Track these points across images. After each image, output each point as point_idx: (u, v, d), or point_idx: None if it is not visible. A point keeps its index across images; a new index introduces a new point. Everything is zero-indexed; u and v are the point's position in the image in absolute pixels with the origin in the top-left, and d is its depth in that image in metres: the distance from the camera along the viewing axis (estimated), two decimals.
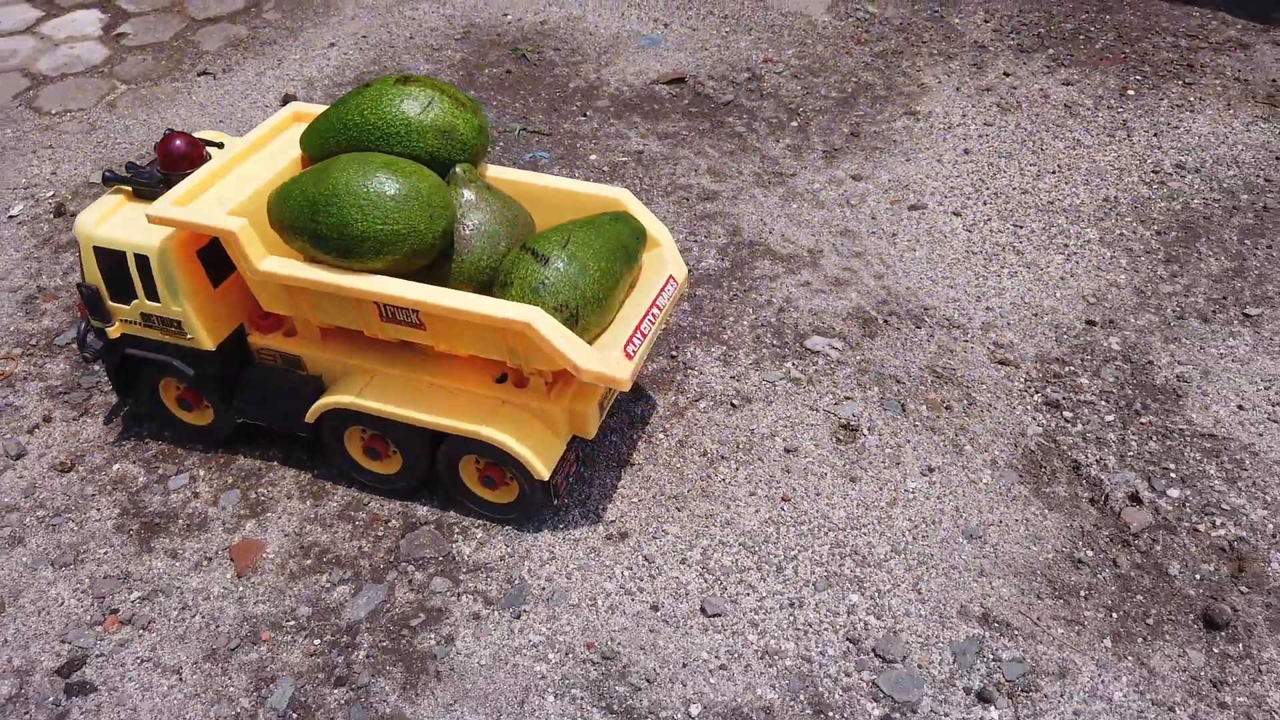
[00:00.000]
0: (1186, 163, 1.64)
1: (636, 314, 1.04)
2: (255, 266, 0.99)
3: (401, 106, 1.02)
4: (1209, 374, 1.27)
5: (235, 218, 0.98)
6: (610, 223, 1.06)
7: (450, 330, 0.99)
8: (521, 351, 0.98)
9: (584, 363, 0.95)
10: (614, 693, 0.96)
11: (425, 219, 0.96)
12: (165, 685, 0.98)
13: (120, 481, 1.18)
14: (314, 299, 1.02)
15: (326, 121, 1.06)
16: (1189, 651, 0.97)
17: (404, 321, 1.00)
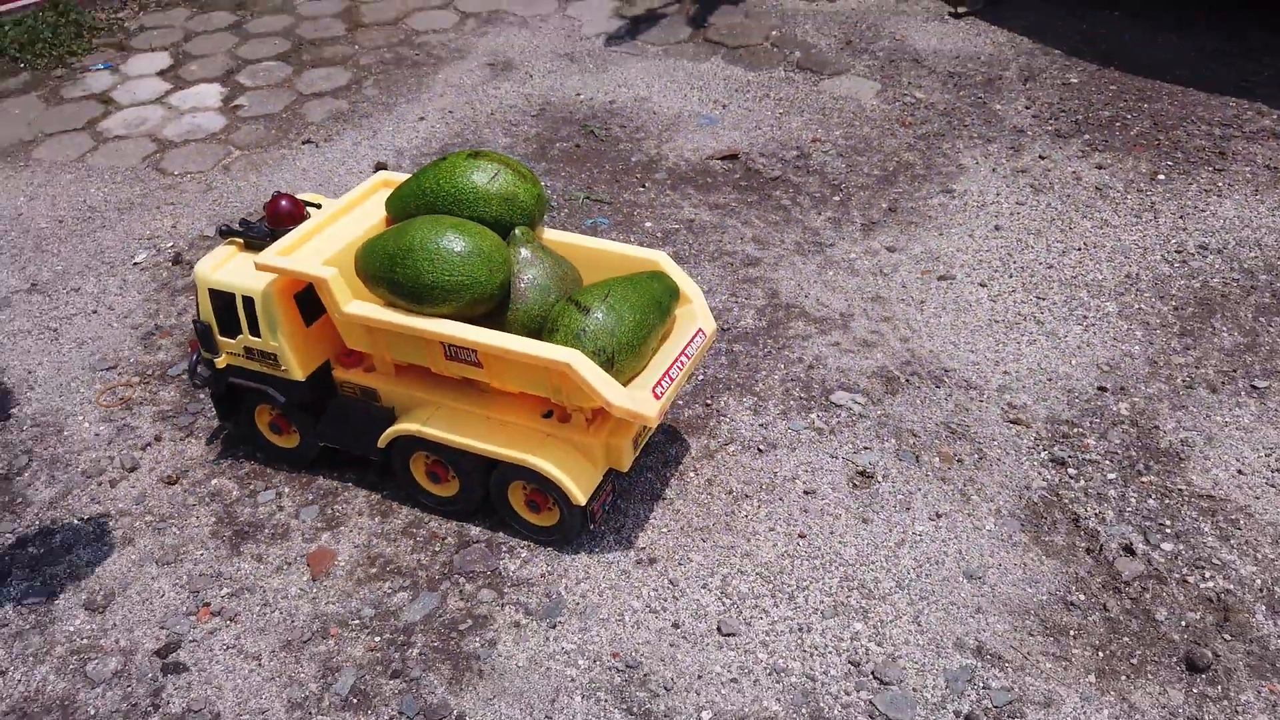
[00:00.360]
0: (1210, 244, 1.73)
1: (666, 361, 1.18)
2: (342, 309, 1.15)
3: (471, 177, 1.19)
4: (1213, 440, 1.34)
5: (328, 267, 1.15)
6: (647, 280, 1.21)
7: (503, 368, 1.14)
8: (563, 389, 1.12)
9: (616, 400, 1.09)
10: (635, 697, 1.07)
11: (486, 272, 1.12)
12: (246, 669, 1.12)
13: (217, 494, 1.35)
14: (389, 338, 1.18)
15: (407, 188, 1.23)
16: (1169, 690, 1.05)
17: (464, 360, 1.15)
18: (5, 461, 1.42)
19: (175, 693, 1.10)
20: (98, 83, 2.49)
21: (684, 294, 1.24)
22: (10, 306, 1.73)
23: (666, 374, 1.16)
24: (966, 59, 2.43)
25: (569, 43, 2.63)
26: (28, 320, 1.69)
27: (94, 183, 2.09)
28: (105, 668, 1.13)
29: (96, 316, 1.70)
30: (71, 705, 1.10)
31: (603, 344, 1.12)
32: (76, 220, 1.96)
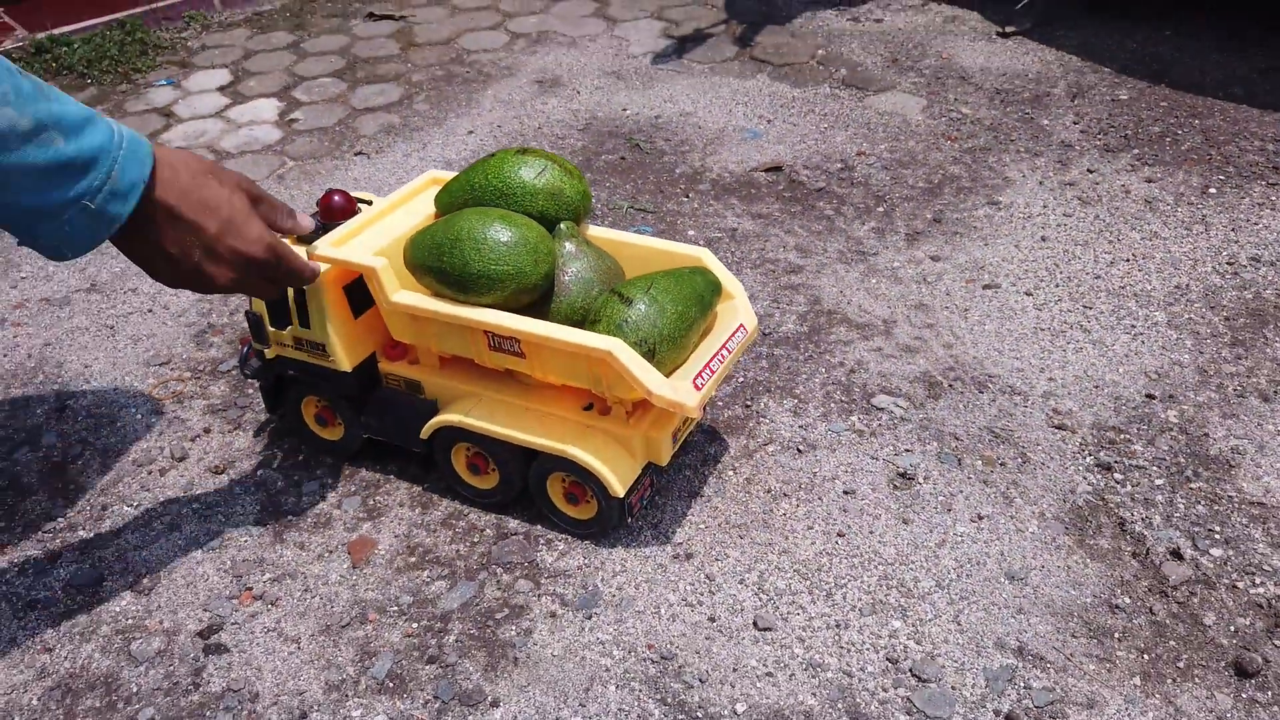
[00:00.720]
0: (1262, 256, 1.70)
1: (707, 354, 1.18)
2: (390, 298, 1.18)
3: (519, 171, 1.21)
4: (1264, 448, 1.31)
5: (378, 257, 1.18)
6: (690, 275, 1.21)
7: (546, 358, 1.15)
8: (605, 379, 1.13)
9: (656, 389, 1.09)
10: (669, 688, 1.06)
11: (531, 262, 1.14)
12: (286, 651, 1.14)
13: (262, 484, 1.37)
14: (435, 328, 1.20)
15: (456, 183, 1.26)
16: (1217, 694, 1.02)
17: (508, 350, 1.17)
18: (61, 450, 1.46)
19: (216, 672, 1.12)
20: (160, 97, 2.58)
21: (726, 290, 1.25)
22: (70, 304, 1.78)
23: (707, 366, 1.16)
24: (1014, 76, 2.42)
25: (616, 61, 2.67)
26: (86, 318, 1.75)
27: None
28: (149, 647, 1.15)
29: (152, 315, 1.75)
30: (115, 682, 1.12)
31: (644, 335, 1.12)
32: None
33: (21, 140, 0.82)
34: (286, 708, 1.07)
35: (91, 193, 0.85)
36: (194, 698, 1.09)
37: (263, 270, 1.00)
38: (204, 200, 0.92)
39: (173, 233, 0.92)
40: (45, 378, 1.60)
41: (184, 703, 1.09)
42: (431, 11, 3.06)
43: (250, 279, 1.00)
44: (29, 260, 1.92)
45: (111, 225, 0.88)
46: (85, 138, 0.85)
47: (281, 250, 1.02)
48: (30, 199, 0.84)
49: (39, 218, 0.86)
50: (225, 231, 0.94)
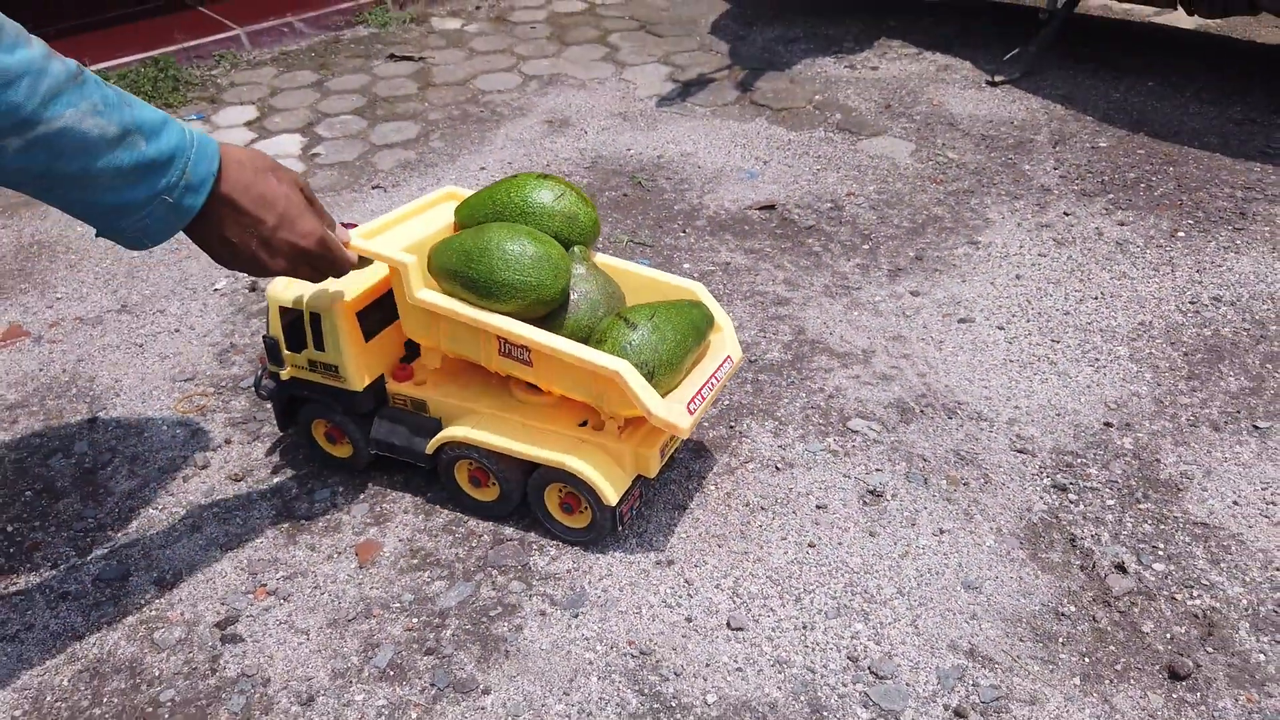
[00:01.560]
0: (1224, 296, 1.79)
1: (699, 381, 1.29)
2: (414, 294, 1.27)
3: (540, 194, 1.32)
4: (1211, 473, 1.40)
5: (408, 254, 1.26)
6: (687, 307, 1.32)
7: (553, 369, 1.25)
8: (606, 395, 1.23)
9: (655, 409, 1.20)
10: (646, 680, 1.16)
11: (551, 276, 1.24)
12: (296, 642, 1.24)
13: (278, 491, 1.48)
14: (450, 328, 1.29)
15: (478, 199, 1.36)
16: (1150, 695, 1.10)
17: (517, 358, 1.27)
18: (91, 457, 1.57)
19: (231, 660, 1.22)
20: None
21: (717, 322, 1.36)
22: (102, 324, 1.90)
23: (699, 393, 1.28)
24: (1000, 123, 2.54)
25: (623, 103, 2.80)
26: (117, 336, 1.87)
27: None
28: (170, 636, 1.25)
29: (179, 335, 1.86)
30: (139, 667, 1.22)
31: (646, 358, 1.23)
32: (165, 251, 2.15)
33: (111, 145, 0.91)
34: (295, 692, 1.17)
35: (170, 188, 0.94)
36: (211, 681, 1.19)
37: (310, 260, 1.09)
38: (263, 195, 1.01)
39: (234, 223, 1.00)
40: (78, 391, 1.72)
41: (201, 686, 1.19)
42: (450, 54, 3.21)
43: (299, 267, 1.09)
44: (64, 282, 2.04)
45: (186, 216, 0.97)
46: (163, 139, 0.94)
47: (330, 243, 1.11)
48: (117, 197, 0.93)
49: (124, 214, 0.95)
50: (281, 224, 1.03)
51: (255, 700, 1.16)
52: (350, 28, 3.44)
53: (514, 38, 3.34)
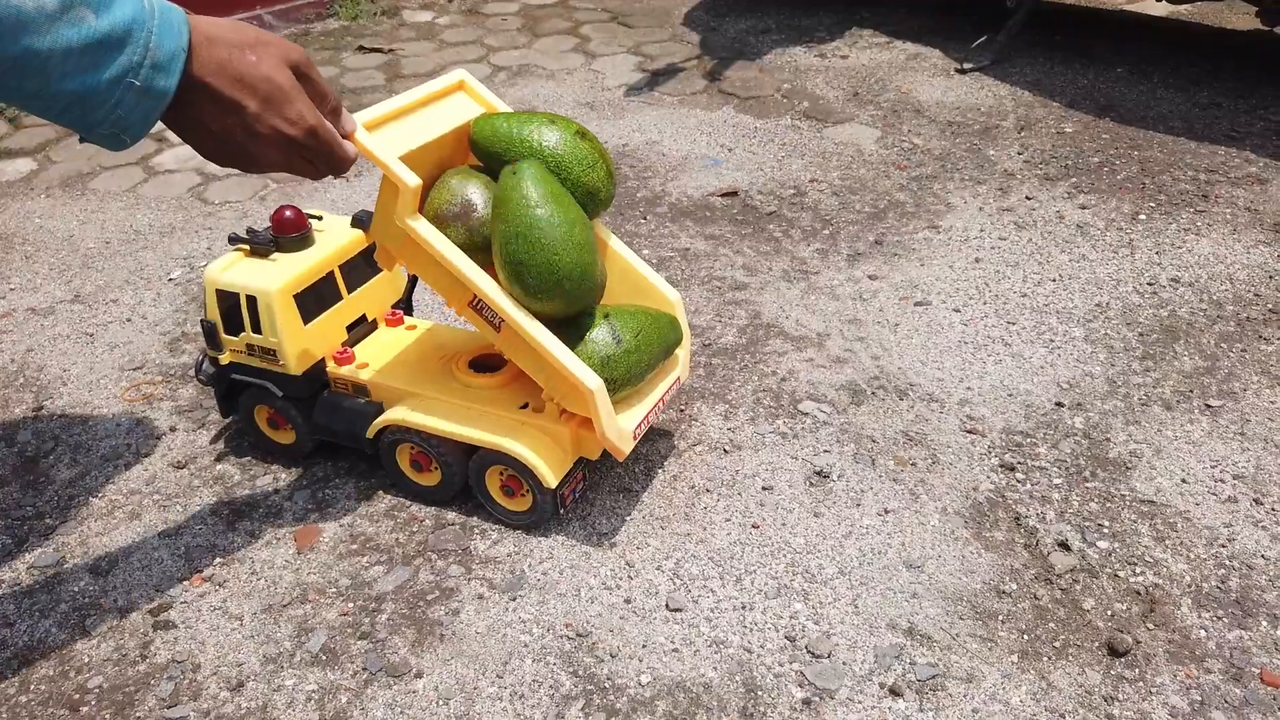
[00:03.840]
0: (1182, 277, 1.78)
1: (649, 403, 1.31)
2: (405, 219, 1.18)
3: (576, 157, 1.24)
4: (1161, 452, 1.39)
5: (413, 175, 1.16)
6: (667, 325, 1.32)
7: (518, 348, 1.22)
8: (565, 394, 1.22)
9: (608, 432, 1.21)
10: (581, 662, 1.14)
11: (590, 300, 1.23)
12: (229, 628, 1.22)
13: (220, 478, 1.46)
14: (425, 260, 1.22)
15: (505, 129, 1.25)
16: (1088, 671, 1.09)
17: (487, 319, 1.22)
18: (34, 446, 1.54)
19: (163, 646, 1.20)
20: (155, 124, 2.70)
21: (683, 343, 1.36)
22: (54, 314, 1.88)
23: (646, 418, 1.29)
24: (967, 110, 2.53)
25: (591, 93, 2.78)
26: (68, 326, 1.84)
27: (141, 210, 2.27)
28: (102, 624, 1.23)
29: (130, 324, 1.84)
30: (69, 654, 1.19)
31: (618, 375, 1.23)
32: (122, 242, 2.13)
33: (52, 20, 0.80)
34: (225, 677, 1.15)
35: (134, 68, 0.83)
36: (140, 668, 1.17)
37: (304, 152, 0.96)
38: (241, 77, 0.88)
39: (213, 111, 0.88)
40: (25, 381, 1.69)
41: (130, 672, 1.16)
42: (420, 46, 3.19)
43: (294, 159, 0.97)
44: (19, 273, 2.02)
45: (161, 100, 0.86)
46: (115, 10, 0.82)
47: (323, 133, 0.96)
48: (76, 83, 0.82)
49: (90, 104, 0.84)
50: (265, 110, 0.90)
51: (184, 686, 1.14)
52: (320, 20, 3.42)
53: (485, 29, 3.32)
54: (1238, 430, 1.43)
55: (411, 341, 1.45)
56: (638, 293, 1.37)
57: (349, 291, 1.42)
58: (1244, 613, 1.15)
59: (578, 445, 1.29)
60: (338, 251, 1.39)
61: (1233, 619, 1.14)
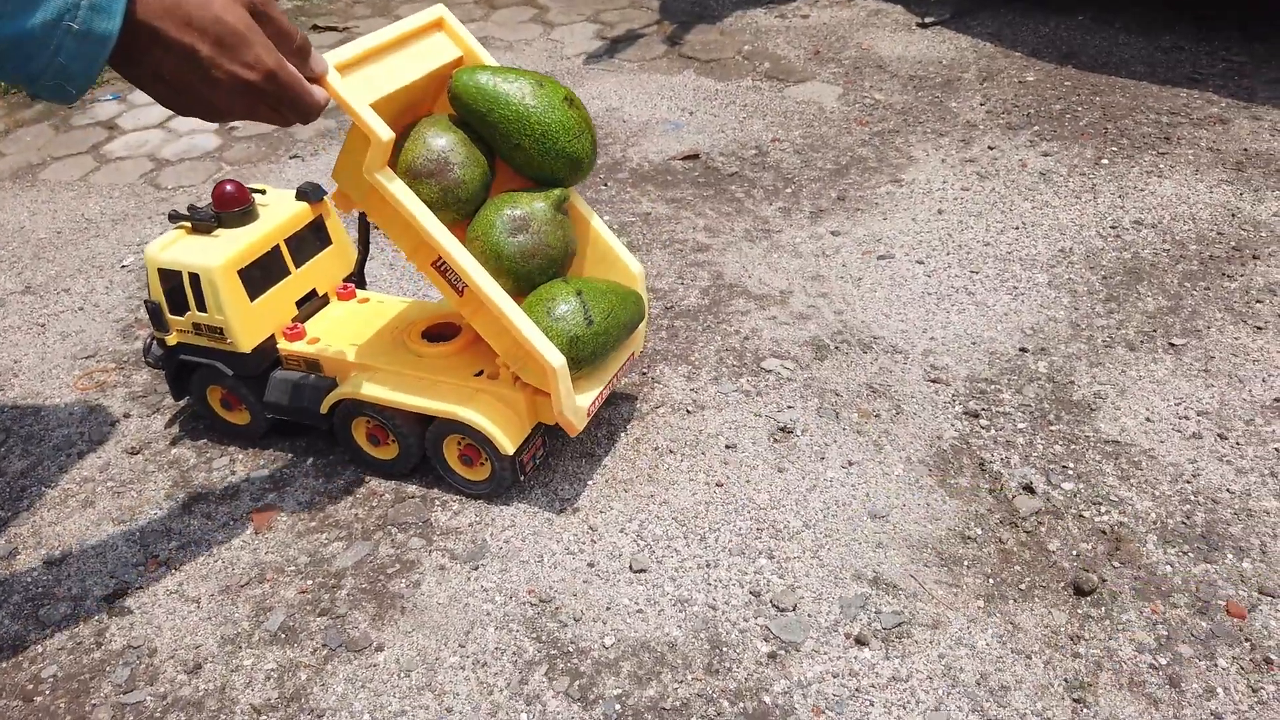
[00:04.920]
0: (1145, 220, 1.77)
1: (605, 378, 1.29)
2: (374, 173, 1.12)
3: (562, 126, 1.20)
4: (1125, 392, 1.38)
5: (386, 128, 1.09)
6: (634, 303, 1.29)
7: (480, 314, 1.19)
8: (525, 365, 1.19)
9: (565, 409, 1.20)
10: (545, 627, 1.12)
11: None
12: (185, 611, 1.19)
13: (175, 463, 1.43)
14: (390, 214, 1.17)
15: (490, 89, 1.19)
16: (1054, 612, 1.08)
17: (450, 282, 1.18)
18: None
19: (118, 632, 1.17)
20: (105, 111, 2.65)
21: None
22: (4, 306, 1.84)
23: (600, 395, 1.27)
24: (928, 64, 2.50)
25: (550, 62, 2.74)
26: (19, 318, 1.80)
27: (93, 198, 2.22)
28: (56, 612, 1.21)
29: (82, 313, 1.80)
30: (22, 644, 1.17)
31: (583, 354, 1.21)
32: (74, 231, 2.09)
33: None
34: (182, 660, 1.13)
35: (70, 9, 0.77)
36: (95, 655, 1.15)
37: (265, 98, 0.89)
38: (190, 19, 0.82)
39: (163, 57, 0.82)
40: None
41: (85, 660, 1.14)
42: (375, 22, 3.13)
43: (257, 106, 0.89)
44: None
45: (104, 44, 0.79)
46: None
47: (284, 77, 0.88)
48: (6, 28, 0.77)
49: (26, 51, 0.78)
50: (218, 54, 0.84)
51: (140, 671, 1.12)
52: None
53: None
54: (1202, 367, 1.42)
55: (364, 315, 1.42)
56: (602, 261, 1.34)
57: (297, 266, 1.39)
58: (1209, 547, 1.14)
59: (534, 411, 1.27)
60: (283, 225, 1.36)
61: (1198, 553, 1.13)
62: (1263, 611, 1.06)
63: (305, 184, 1.41)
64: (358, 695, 1.06)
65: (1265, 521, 1.17)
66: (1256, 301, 1.54)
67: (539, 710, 1.03)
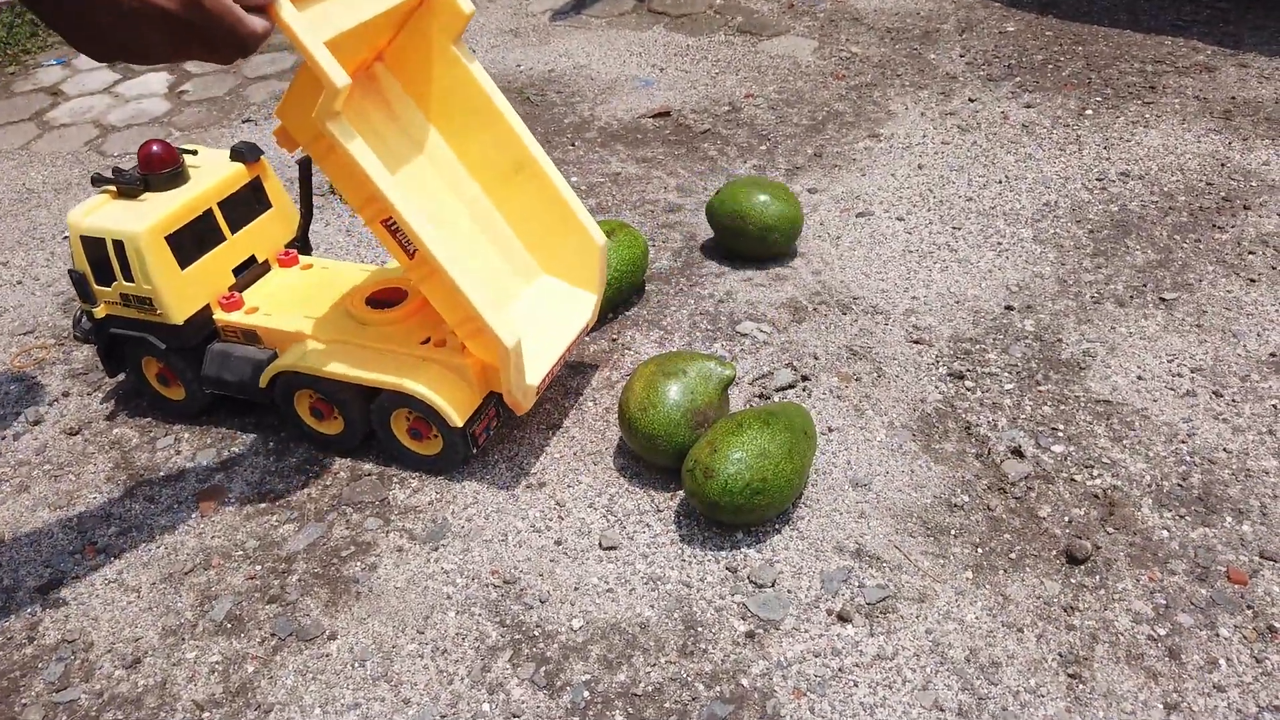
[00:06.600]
0: (1131, 171, 1.70)
1: (555, 352, 1.21)
2: (325, 121, 1.01)
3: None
4: (1115, 349, 1.32)
5: (342, 72, 0.98)
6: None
7: (433, 281, 1.10)
8: (475, 339, 1.11)
9: (515, 389, 1.14)
10: (509, 610, 1.05)
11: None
12: (125, 601, 1.12)
13: (117, 443, 1.35)
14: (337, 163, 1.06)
15: None
16: (1046, 582, 1.02)
17: (400, 244, 1.09)
18: None
19: (52, 625, 1.10)
20: (49, 76, 2.52)
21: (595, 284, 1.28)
22: None
23: (551, 371, 1.20)
24: (906, 15, 2.42)
25: (515, 20, 2.64)
26: None
27: (35, 167, 2.11)
28: None
29: (21, 286, 1.71)
30: None
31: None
32: (14, 202, 1.98)
33: None
34: (120, 654, 1.05)
35: None
36: (27, 650, 1.07)
37: (194, 31, 0.78)
38: None
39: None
40: None
41: (16, 656, 1.06)
42: None
43: (187, 43, 0.79)
44: None
45: None
46: None
47: (210, 3, 0.78)
48: None
49: None
50: None
51: (75, 667, 1.04)
52: None
53: None
54: (1194, 322, 1.36)
55: (307, 282, 1.33)
56: (561, 225, 1.26)
57: (233, 231, 1.30)
58: (1207, 509, 1.09)
59: (485, 380, 1.19)
60: (215, 188, 1.26)
61: (1196, 517, 1.08)
62: (1265, 577, 1.01)
63: (240, 143, 1.31)
64: (308, 688, 0.99)
65: (1265, 482, 1.11)
66: (1249, 253, 1.49)
67: (502, 699, 0.96)
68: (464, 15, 1.17)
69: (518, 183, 1.27)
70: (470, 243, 1.27)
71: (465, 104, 1.23)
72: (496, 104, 1.23)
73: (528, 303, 1.28)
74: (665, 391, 1.15)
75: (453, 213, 1.27)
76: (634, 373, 1.21)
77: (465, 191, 1.28)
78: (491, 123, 1.24)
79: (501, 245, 1.30)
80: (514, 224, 1.30)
